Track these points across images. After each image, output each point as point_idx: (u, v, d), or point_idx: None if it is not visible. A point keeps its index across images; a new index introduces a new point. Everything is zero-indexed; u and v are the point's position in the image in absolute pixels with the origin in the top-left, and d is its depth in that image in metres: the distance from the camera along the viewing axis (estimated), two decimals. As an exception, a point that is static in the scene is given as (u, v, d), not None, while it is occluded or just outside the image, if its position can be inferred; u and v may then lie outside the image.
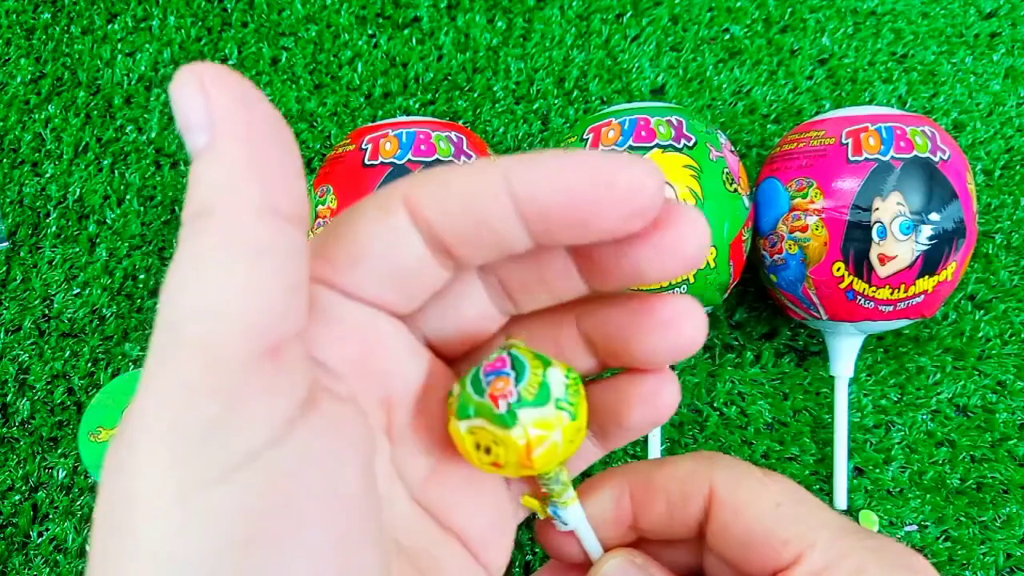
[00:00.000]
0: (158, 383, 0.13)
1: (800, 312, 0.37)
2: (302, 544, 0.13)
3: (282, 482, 0.13)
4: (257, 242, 0.13)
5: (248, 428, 0.12)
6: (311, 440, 0.13)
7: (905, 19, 0.45)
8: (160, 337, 0.13)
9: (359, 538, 0.14)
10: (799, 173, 0.35)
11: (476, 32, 0.44)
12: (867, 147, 0.33)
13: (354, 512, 0.14)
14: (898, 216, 0.33)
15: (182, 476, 0.12)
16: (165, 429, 0.12)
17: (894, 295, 0.34)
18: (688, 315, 0.17)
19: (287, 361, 0.13)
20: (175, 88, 0.13)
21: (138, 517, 0.12)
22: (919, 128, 0.34)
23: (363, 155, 0.34)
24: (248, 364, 0.12)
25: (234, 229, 0.13)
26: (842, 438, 0.37)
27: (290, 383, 0.13)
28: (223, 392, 0.12)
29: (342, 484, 0.14)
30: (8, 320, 0.41)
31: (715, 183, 0.33)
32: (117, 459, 0.13)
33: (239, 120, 0.13)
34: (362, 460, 0.15)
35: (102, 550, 0.13)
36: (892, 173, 0.33)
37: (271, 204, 0.13)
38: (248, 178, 0.13)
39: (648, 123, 0.34)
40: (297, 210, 0.13)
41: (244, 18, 0.45)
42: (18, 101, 0.43)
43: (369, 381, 0.17)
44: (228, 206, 0.12)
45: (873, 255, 0.33)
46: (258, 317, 0.13)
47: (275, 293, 0.13)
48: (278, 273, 0.13)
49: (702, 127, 0.34)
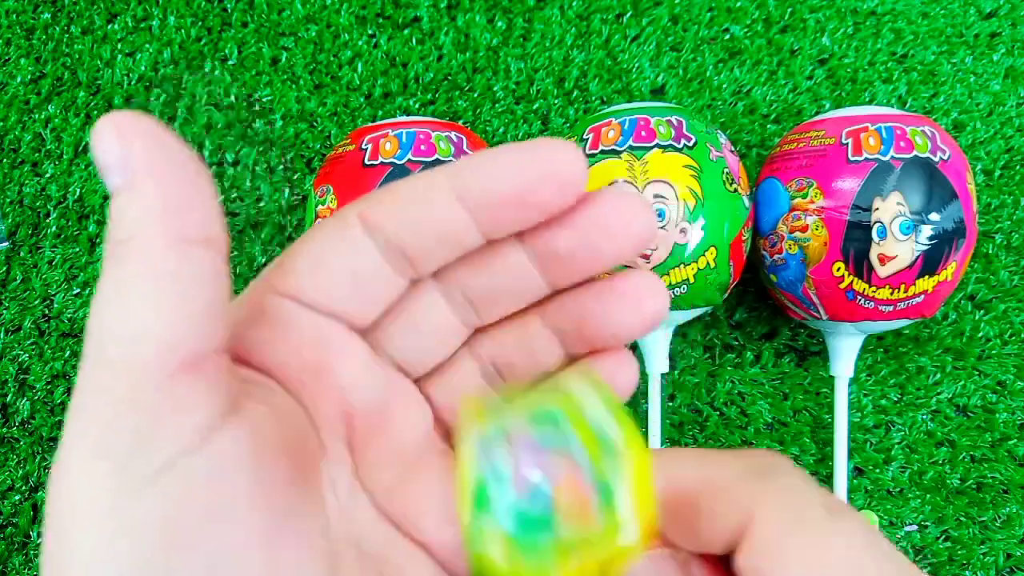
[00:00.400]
0: (87, 400, 0.14)
1: (800, 312, 0.37)
2: (225, 546, 0.14)
3: (202, 488, 0.14)
4: (169, 267, 0.14)
5: (168, 438, 0.14)
6: (230, 447, 0.14)
7: (905, 19, 0.45)
8: (88, 356, 0.14)
9: (287, 539, 0.15)
10: (799, 173, 0.35)
11: (476, 32, 0.44)
12: (867, 147, 0.33)
13: (280, 514, 0.15)
14: (898, 216, 0.33)
15: (112, 486, 0.13)
16: (94, 443, 0.13)
17: (894, 295, 0.34)
18: (649, 287, 0.19)
19: (205, 375, 0.14)
20: (95, 136, 0.14)
21: (75, 527, 0.13)
22: (919, 128, 0.34)
23: (363, 155, 0.34)
24: (166, 379, 0.14)
25: (148, 257, 0.14)
26: (842, 438, 0.37)
27: (208, 395, 0.14)
28: (144, 406, 0.13)
29: (265, 487, 0.15)
30: (8, 320, 0.41)
31: (715, 183, 0.33)
32: (57, 472, 0.14)
33: (151, 160, 0.14)
34: (291, 464, 0.16)
35: (48, 560, 0.14)
36: (892, 173, 0.33)
37: (182, 232, 0.14)
38: (159, 211, 0.14)
39: (648, 123, 0.34)
40: (208, 235, 0.15)
41: (244, 18, 0.45)
42: (18, 101, 0.43)
43: (324, 391, 0.18)
44: (142, 236, 0.14)
45: (873, 255, 0.33)
46: (173, 336, 0.14)
47: (189, 313, 0.14)
48: (191, 294, 0.14)
49: (702, 127, 0.34)
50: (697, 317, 0.39)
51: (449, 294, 0.19)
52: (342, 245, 0.18)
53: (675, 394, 0.40)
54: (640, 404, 0.40)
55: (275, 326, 0.17)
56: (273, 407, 0.16)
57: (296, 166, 0.43)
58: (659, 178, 0.33)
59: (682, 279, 0.33)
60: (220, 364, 0.15)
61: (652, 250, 0.33)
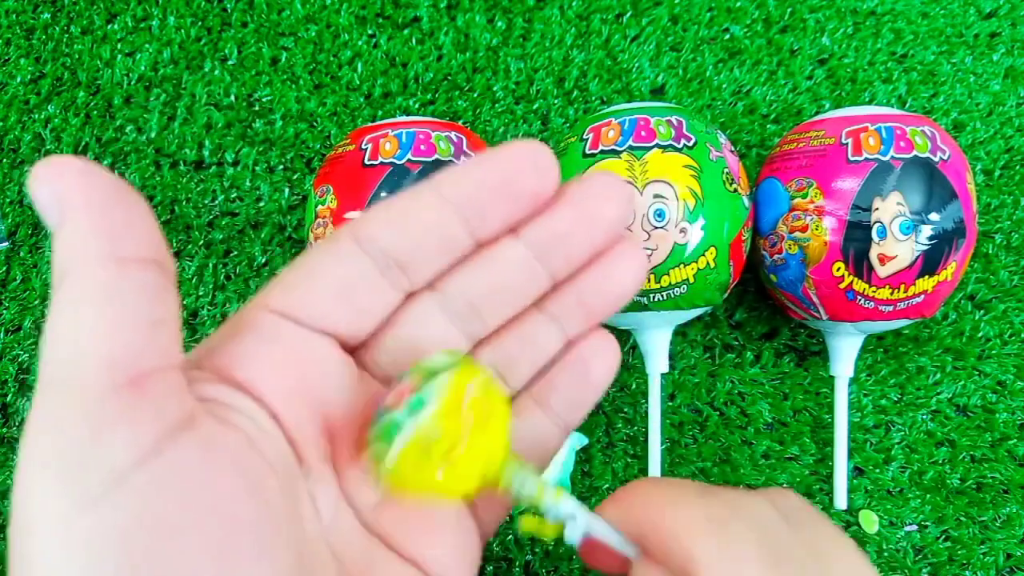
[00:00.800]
0: (39, 419, 0.14)
1: (800, 312, 0.37)
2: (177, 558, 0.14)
3: (152, 501, 0.14)
4: (106, 289, 0.14)
5: (114, 454, 0.14)
6: (181, 460, 0.15)
7: (905, 19, 0.45)
8: (40, 378, 0.14)
9: (244, 552, 0.15)
10: (799, 173, 0.35)
11: (476, 32, 0.44)
12: (867, 147, 0.33)
13: (236, 528, 0.15)
14: (898, 216, 0.33)
15: (64, 502, 0.14)
16: (45, 460, 0.14)
17: (894, 295, 0.34)
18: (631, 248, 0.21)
19: (152, 390, 0.15)
20: (31, 183, 0.15)
21: (33, 542, 0.14)
22: (919, 128, 0.34)
23: (363, 155, 0.34)
24: (109, 396, 0.14)
25: (84, 281, 0.14)
26: (842, 438, 0.37)
27: (156, 409, 0.15)
28: (88, 423, 0.14)
29: (218, 501, 0.15)
30: (8, 320, 0.41)
31: (715, 183, 0.33)
32: (16, 489, 0.14)
33: (83, 194, 0.15)
34: (251, 480, 0.16)
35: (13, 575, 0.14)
36: (892, 173, 0.33)
37: (118, 255, 0.15)
38: (93, 237, 0.15)
39: (648, 123, 0.34)
40: (146, 254, 0.15)
41: (244, 18, 0.45)
42: (18, 101, 0.43)
43: (306, 407, 0.18)
44: (78, 263, 0.15)
45: (873, 255, 0.33)
46: (113, 355, 0.14)
47: (129, 331, 0.14)
48: (131, 313, 0.15)
49: (702, 127, 0.34)
50: (697, 317, 0.39)
51: (449, 305, 0.20)
52: (332, 259, 0.18)
53: (675, 394, 0.40)
54: (640, 404, 0.40)
55: (259, 341, 0.18)
56: (236, 424, 0.16)
57: (296, 166, 0.43)
58: (659, 178, 0.33)
59: (682, 279, 0.33)
60: (169, 380, 0.15)
61: (652, 250, 0.33)
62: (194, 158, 0.43)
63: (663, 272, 0.33)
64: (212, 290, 0.41)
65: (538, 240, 0.20)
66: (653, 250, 0.33)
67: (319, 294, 0.18)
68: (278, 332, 0.18)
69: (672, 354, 0.40)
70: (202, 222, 0.42)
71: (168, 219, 0.42)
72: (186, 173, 0.43)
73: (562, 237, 0.19)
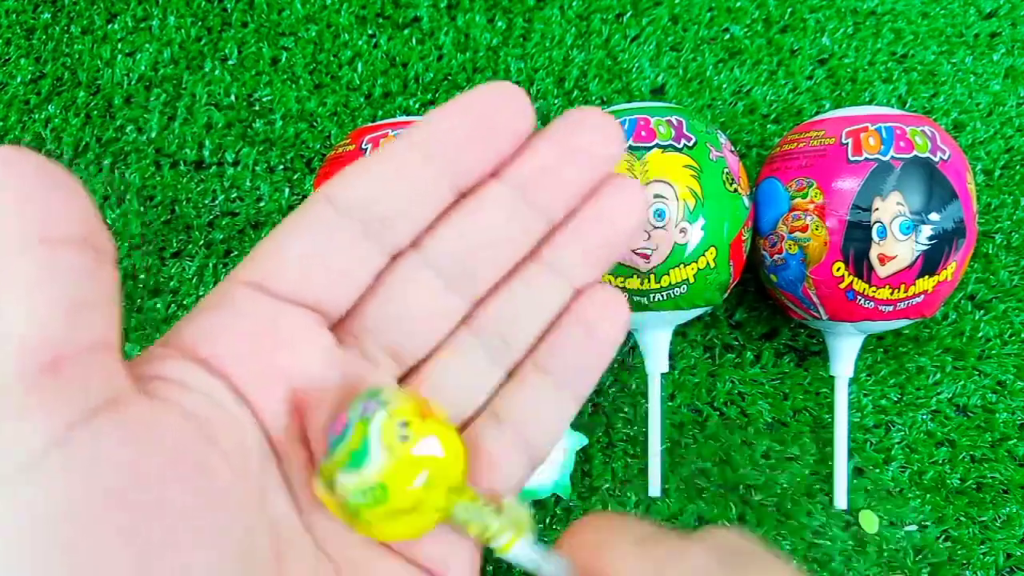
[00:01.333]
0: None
1: (800, 312, 0.37)
2: (90, 543, 0.14)
3: (63, 484, 0.14)
4: (26, 273, 0.14)
5: (24, 439, 0.14)
6: (95, 443, 0.14)
7: (905, 19, 0.45)
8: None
9: (172, 538, 0.14)
10: (799, 173, 0.35)
11: (476, 32, 0.44)
12: (867, 147, 0.33)
13: (163, 512, 0.14)
14: (898, 216, 0.33)
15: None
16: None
17: (894, 295, 0.34)
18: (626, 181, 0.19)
19: (71, 373, 0.14)
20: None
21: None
22: (919, 128, 0.34)
23: (363, 155, 0.34)
24: (21, 382, 0.14)
25: (4, 266, 0.14)
26: (842, 438, 0.37)
27: (73, 393, 0.14)
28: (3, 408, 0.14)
29: (140, 483, 0.14)
30: (8, 320, 0.41)
31: (715, 183, 0.33)
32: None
33: (7, 177, 0.14)
34: (188, 459, 0.15)
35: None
36: (892, 173, 0.33)
37: (42, 235, 0.14)
38: (15, 217, 0.14)
39: (648, 123, 0.34)
40: (76, 234, 0.15)
41: (244, 18, 0.45)
42: (18, 101, 0.43)
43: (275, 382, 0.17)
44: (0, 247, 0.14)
45: (873, 255, 0.33)
46: (28, 340, 0.14)
47: (49, 315, 0.14)
48: (53, 296, 0.14)
49: (702, 127, 0.34)
50: (697, 317, 0.39)
51: (440, 265, 0.19)
52: (305, 224, 0.17)
53: (675, 394, 0.40)
54: (640, 404, 0.40)
55: (227, 315, 0.17)
56: (181, 403, 0.16)
57: (296, 166, 0.43)
58: (659, 178, 0.33)
59: (682, 279, 0.33)
60: (95, 362, 0.15)
61: (652, 250, 0.33)
62: (194, 158, 0.43)
63: (663, 272, 0.33)
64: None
65: (522, 179, 0.18)
66: (653, 250, 0.33)
67: (292, 262, 0.17)
68: (247, 305, 0.17)
69: (672, 354, 0.40)
70: (202, 222, 0.42)
71: (168, 219, 0.42)
72: (186, 173, 0.43)
73: (547, 173, 0.18)
